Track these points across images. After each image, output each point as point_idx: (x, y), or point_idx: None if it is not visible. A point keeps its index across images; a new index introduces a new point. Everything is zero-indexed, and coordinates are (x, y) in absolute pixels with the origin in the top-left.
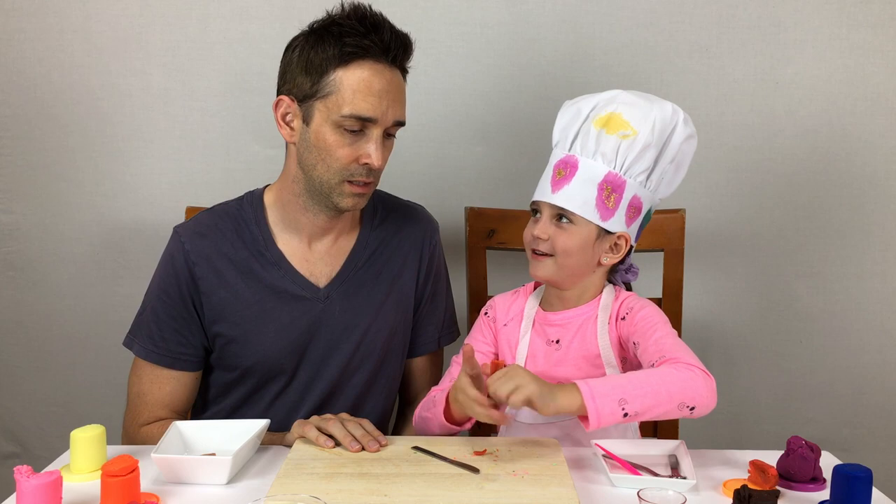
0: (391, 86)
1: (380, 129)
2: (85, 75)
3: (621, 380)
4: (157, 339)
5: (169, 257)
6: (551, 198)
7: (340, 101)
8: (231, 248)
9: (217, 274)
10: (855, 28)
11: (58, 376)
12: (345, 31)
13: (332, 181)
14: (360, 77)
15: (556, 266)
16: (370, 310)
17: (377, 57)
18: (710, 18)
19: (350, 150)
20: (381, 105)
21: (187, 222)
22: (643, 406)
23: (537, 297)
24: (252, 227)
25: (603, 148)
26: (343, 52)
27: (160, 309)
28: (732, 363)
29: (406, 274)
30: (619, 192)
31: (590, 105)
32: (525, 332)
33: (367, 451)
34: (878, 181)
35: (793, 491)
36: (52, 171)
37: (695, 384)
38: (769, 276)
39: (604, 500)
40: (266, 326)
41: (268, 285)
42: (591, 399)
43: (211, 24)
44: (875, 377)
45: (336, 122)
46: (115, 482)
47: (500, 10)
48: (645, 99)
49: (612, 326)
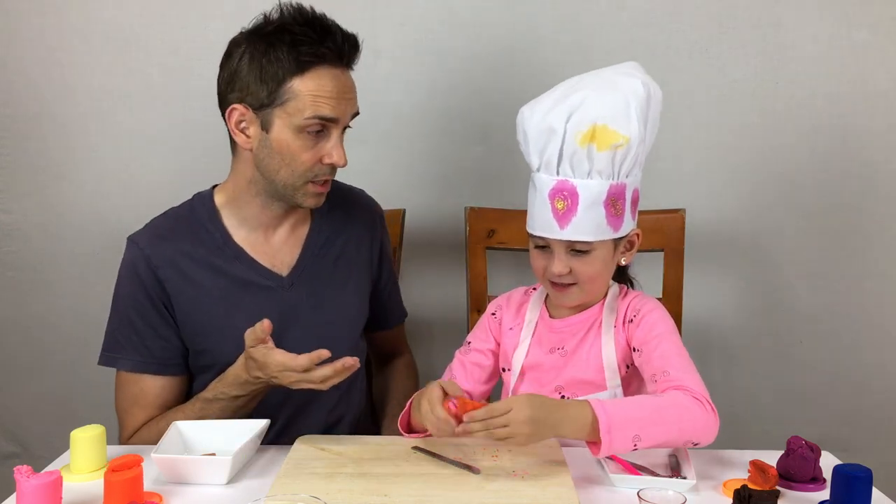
0: (346, 85)
1: (340, 128)
2: (85, 75)
3: (638, 412)
4: (141, 348)
5: (130, 266)
6: (561, 234)
7: (301, 105)
8: (191, 247)
9: (181, 273)
10: (855, 28)
11: (58, 376)
12: (297, 39)
13: (297, 183)
14: (318, 83)
15: (582, 292)
16: (333, 294)
17: (333, 62)
18: (710, 18)
19: (312, 153)
20: (340, 105)
21: (141, 230)
22: (655, 442)
23: (540, 301)
24: (207, 225)
25: (598, 166)
26: (299, 61)
27: (136, 319)
28: (732, 363)
29: (362, 254)
30: (622, 197)
31: (560, 117)
32: (525, 338)
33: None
34: (878, 181)
35: (793, 491)
36: (52, 171)
37: (704, 422)
38: (769, 276)
39: (604, 500)
40: (236, 318)
41: (232, 278)
42: (607, 432)
43: (211, 24)
44: (875, 377)
45: (298, 126)
46: (117, 481)
47: (500, 9)
48: (611, 89)
49: (618, 330)
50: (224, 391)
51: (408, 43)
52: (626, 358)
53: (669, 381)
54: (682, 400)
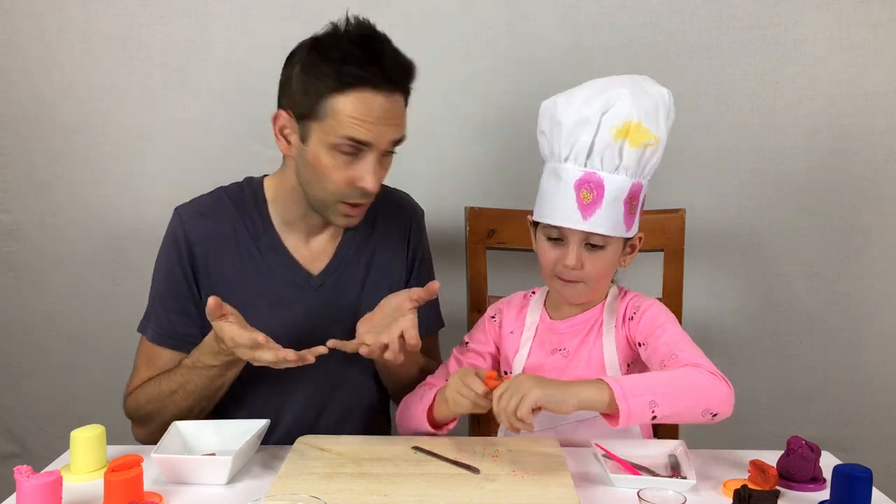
0: (389, 112)
1: (376, 153)
2: (85, 75)
3: (651, 379)
4: (164, 321)
5: (172, 236)
6: (584, 225)
7: (336, 125)
8: (231, 230)
9: (215, 254)
10: (855, 28)
11: (58, 376)
12: (345, 57)
13: (328, 200)
14: (355, 106)
15: (588, 289)
16: (363, 296)
17: (376, 85)
18: (710, 18)
19: (344, 173)
20: (377, 130)
21: (188, 203)
22: (672, 410)
23: (540, 303)
24: (251, 211)
25: (626, 162)
26: (341, 80)
27: (165, 290)
28: (732, 363)
29: (396, 259)
30: (638, 197)
31: (596, 110)
32: (526, 341)
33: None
34: (878, 181)
35: (793, 491)
36: (52, 171)
37: (719, 391)
38: (769, 276)
39: (604, 500)
40: (259, 311)
41: (263, 270)
42: (623, 399)
43: (211, 24)
44: (875, 377)
45: (332, 144)
46: (117, 481)
47: (500, 9)
48: (643, 91)
49: (619, 329)
50: (200, 359)
51: (408, 44)
52: (627, 357)
53: (679, 361)
54: (695, 373)
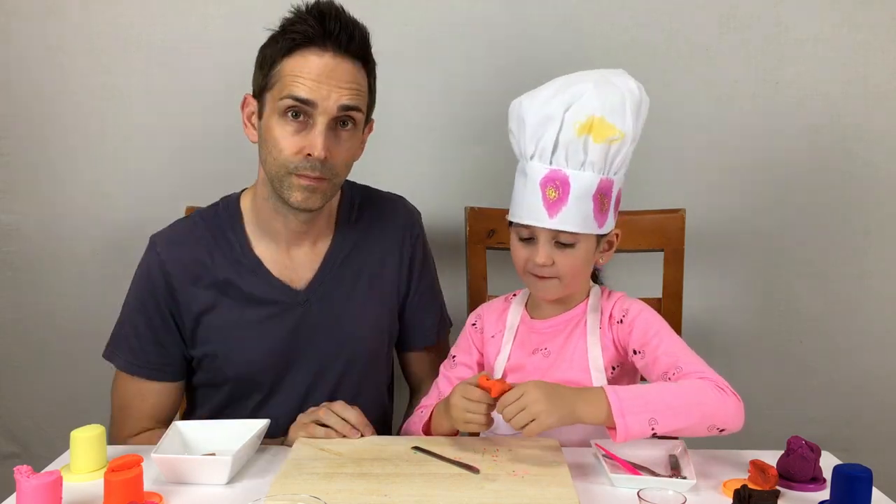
0: (334, 72)
1: (324, 118)
2: (85, 75)
3: (653, 394)
4: (138, 351)
5: (145, 268)
6: (550, 223)
7: (282, 87)
8: (207, 257)
9: (194, 283)
10: (855, 28)
11: (58, 376)
12: (293, 21)
13: (280, 173)
14: (297, 63)
15: (562, 286)
16: (351, 309)
17: (320, 44)
18: (710, 18)
19: (294, 141)
20: (321, 89)
21: (163, 230)
22: (674, 426)
23: (521, 304)
24: (228, 233)
25: (591, 157)
26: (287, 43)
27: (139, 321)
28: (732, 363)
29: (388, 268)
30: (609, 193)
31: (559, 106)
32: (507, 342)
33: (365, 442)
34: (879, 181)
35: (793, 491)
36: (52, 171)
37: (726, 406)
38: (769, 276)
39: (604, 500)
40: (246, 335)
41: (245, 294)
42: (620, 415)
43: (211, 24)
44: (875, 377)
45: (279, 110)
46: (117, 481)
47: (500, 10)
48: (609, 85)
49: (604, 330)
50: None
51: (408, 44)
52: (613, 360)
53: (684, 375)
54: (701, 385)
